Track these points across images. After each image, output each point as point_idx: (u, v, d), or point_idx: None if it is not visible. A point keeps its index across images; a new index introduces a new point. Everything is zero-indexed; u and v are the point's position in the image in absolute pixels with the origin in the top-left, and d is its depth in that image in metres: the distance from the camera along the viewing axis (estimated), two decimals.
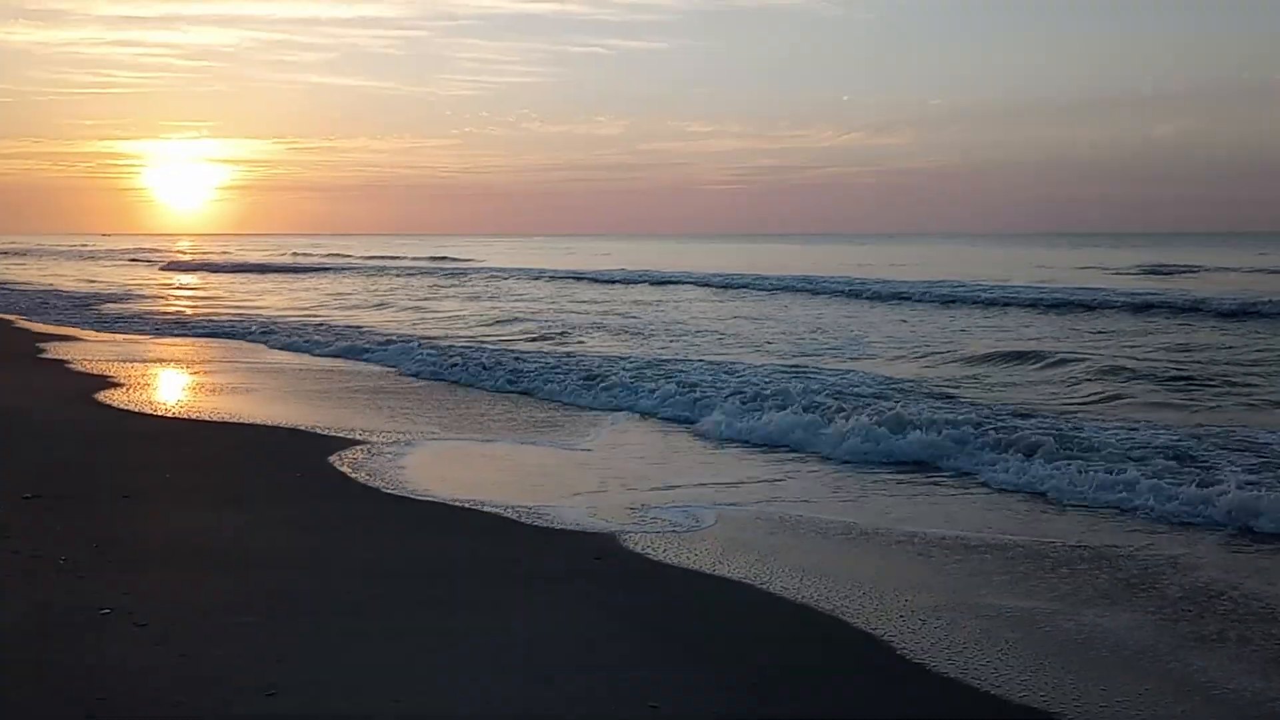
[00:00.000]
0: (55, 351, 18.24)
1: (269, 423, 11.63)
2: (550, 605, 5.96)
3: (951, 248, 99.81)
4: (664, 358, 17.34)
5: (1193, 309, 26.02)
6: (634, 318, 26.69)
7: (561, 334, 22.24)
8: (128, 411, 12.34)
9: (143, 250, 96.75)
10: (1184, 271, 48.23)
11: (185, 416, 12.13)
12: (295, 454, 10.06)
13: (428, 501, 8.31)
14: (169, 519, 7.61)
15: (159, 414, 12.28)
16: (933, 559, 6.91)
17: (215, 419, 11.92)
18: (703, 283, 41.87)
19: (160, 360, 17.68)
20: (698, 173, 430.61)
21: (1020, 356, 17.45)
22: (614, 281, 44.13)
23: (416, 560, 6.76)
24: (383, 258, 74.03)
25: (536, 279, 46.83)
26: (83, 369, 16.04)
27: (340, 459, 9.70)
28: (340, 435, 10.80)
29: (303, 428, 11.25)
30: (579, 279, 46.03)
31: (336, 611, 5.71)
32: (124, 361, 17.08)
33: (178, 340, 20.94)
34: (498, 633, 5.49)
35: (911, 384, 14.52)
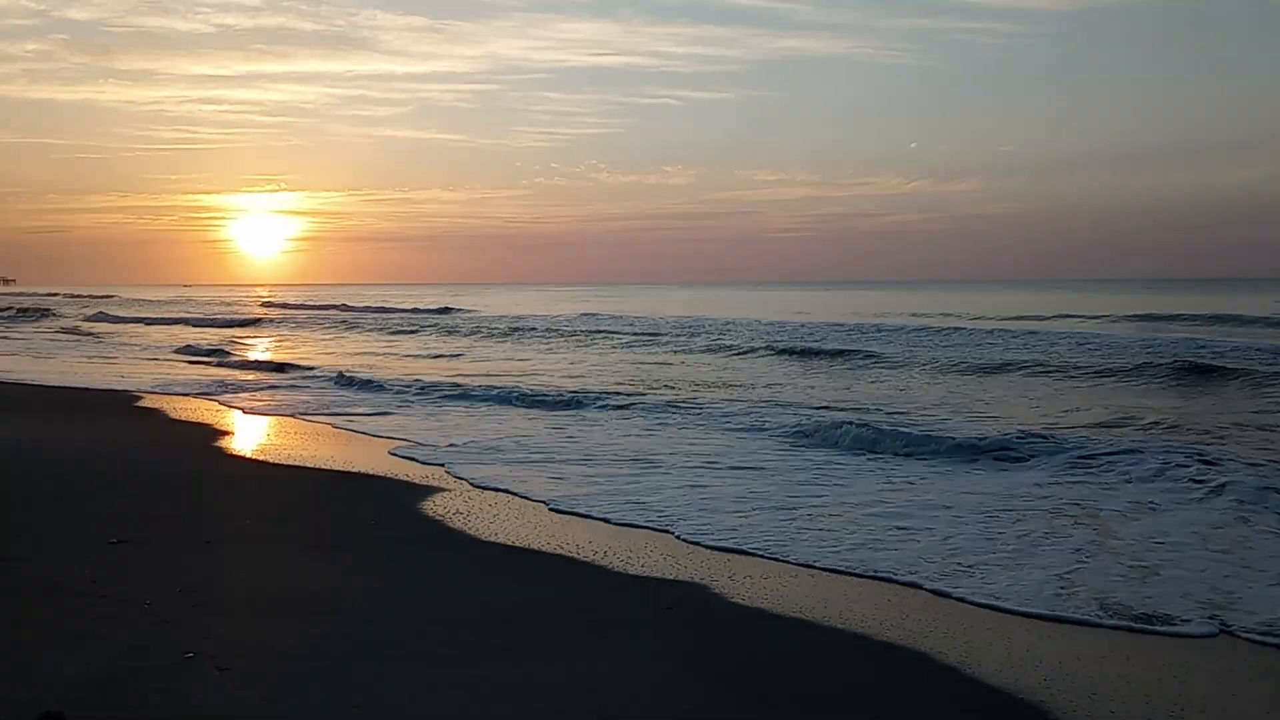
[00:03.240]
0: (150, 400, 18.81)
1: (358, 469, 11.85)
2: (623, 653, 5.94)
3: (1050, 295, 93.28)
4: None
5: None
6: None
7: None
8: (212, 457, 12.62)
9: (165, 301, 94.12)
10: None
11: (272, 462, 12.37)
12: (383, 500, 10.22)
13: (508, 547, 8.37)
14: (250, 564, 7.74)
15: (244, 460, 12.54)
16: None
17: (300, 464, 12.16)
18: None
19: (248, 409, 18.08)
20: (765, 220, 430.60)
21: None
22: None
23: (493, 607, 6.77)
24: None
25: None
26: (175, 416, 16.56)
27: (430, 506, 9.85)
28: (431, 484, 10.98)
29: (395, 475, 11.45)
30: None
31: (412, 658, 5.74)
32: (213, 410, 17.57)
33: (273, 391, 21.42)
34: (569, 682, 5.46)
35: None
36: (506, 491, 10.57)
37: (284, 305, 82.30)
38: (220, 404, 18.48)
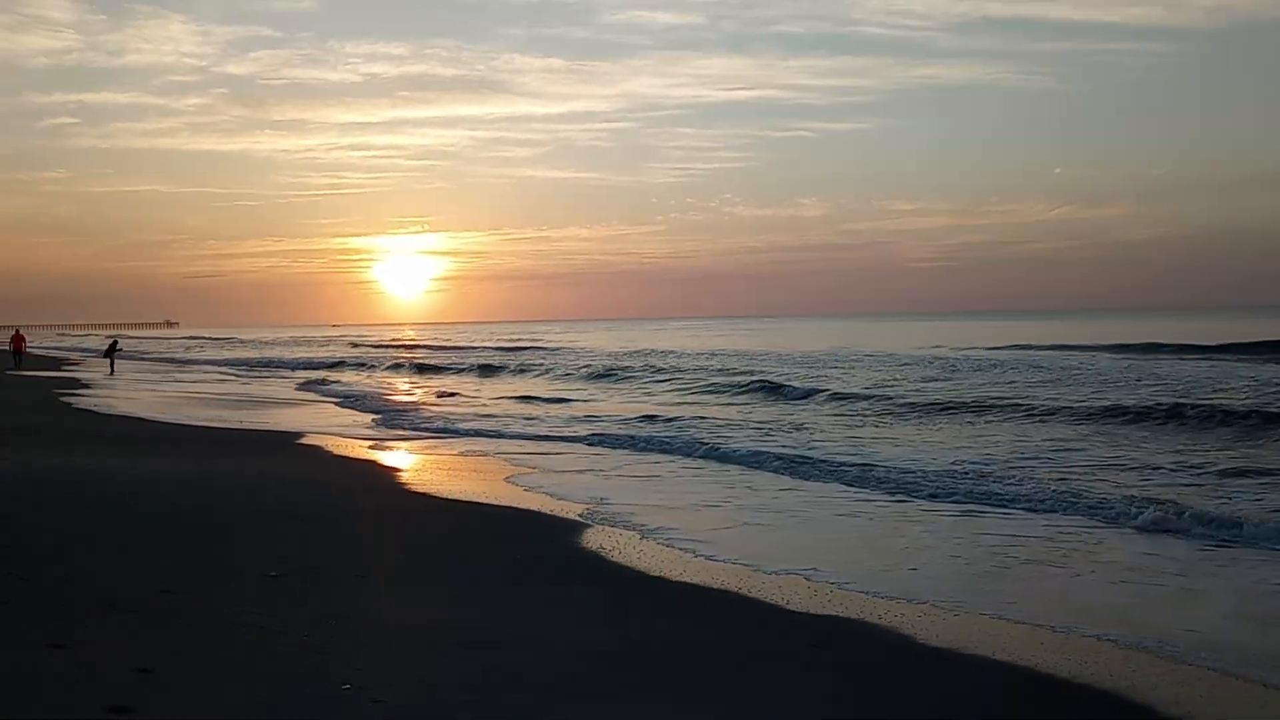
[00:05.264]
0: (310, 439, 19.55)
1: (512, 504, 12.09)
2: (775, 694, 5.84)
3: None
4: None
5: None
6: None
7: None
8: (363, 493, 12.98)
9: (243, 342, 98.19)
10: None
11: (415, 492, 12.67)
12: (525, 535, 10.34)
13: (650, 580, 8.42)
14: (401, 596, 7.89)
15: (389, 493, 12.89)
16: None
17: (454, 498, 12.45)
18: None
19: (403, 447, 18.64)
20: (903, 250, 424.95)
21: None
22: None
23: (643, 644, 6.74)
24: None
25: None
26: (335, 453, 17.22)
27: (570, 541, 9.96)
28: (570, 518, 11.15)
29: (550, 511, 11.66)
30: None
31: (564, 696, 5.72)
32: (372, 449, 18.17)
33: (429, 432, 22.02)
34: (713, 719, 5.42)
35: None
36: (642, 528, 10.61)
37: (371, 346, 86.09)
38: (361, 440, 19.11)
